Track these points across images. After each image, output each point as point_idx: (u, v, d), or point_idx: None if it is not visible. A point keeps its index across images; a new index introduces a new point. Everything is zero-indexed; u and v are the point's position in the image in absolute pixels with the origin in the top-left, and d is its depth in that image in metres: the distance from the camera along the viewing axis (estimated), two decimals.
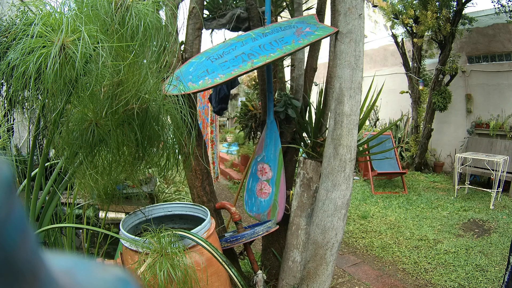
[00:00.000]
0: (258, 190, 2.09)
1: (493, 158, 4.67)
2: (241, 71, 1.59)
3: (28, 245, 0.17)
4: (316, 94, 2.34)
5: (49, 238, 1.33)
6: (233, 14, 2.12)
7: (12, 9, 1.01)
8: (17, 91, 0.92)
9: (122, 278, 0.28)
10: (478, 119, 6.32)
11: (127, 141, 1.14)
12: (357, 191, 4.88)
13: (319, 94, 2.20)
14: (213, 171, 4.31)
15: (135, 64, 1.02)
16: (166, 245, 0.95)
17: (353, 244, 3.27)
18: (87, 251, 1.56)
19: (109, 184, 1.25)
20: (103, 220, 1.61)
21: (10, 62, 0.84)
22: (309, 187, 1.82)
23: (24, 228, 0.17)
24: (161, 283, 0.88)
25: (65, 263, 0.25)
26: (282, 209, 1.98)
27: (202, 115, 4.15)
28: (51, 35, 0.84)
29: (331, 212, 1.63)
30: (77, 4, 0.93)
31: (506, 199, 4.76)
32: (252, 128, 2.63)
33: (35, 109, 1.03)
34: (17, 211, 0.17)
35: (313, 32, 1.75)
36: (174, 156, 1.29)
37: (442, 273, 2.73)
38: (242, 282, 1.11)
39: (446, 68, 5.84)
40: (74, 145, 1.04)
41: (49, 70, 0.81)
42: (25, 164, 1.19)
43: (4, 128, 1.20)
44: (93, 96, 1.00)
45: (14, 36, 0.88)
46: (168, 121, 1.21)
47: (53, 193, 1.23)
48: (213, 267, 1.12)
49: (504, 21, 5.34)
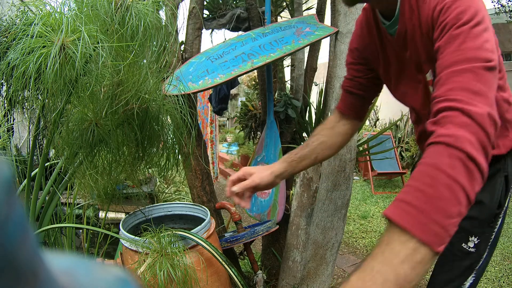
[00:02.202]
0: None
1: None
2: (241, 71, 1.59)
3: (28, 245, 0.17)
4: (316, 94, 2.34)
5: (49, 238, 1.33)
6: (233, 14, 2.12)
7: (12, 9, 1.01)
8: (17, 91, 0.92)
9: (122, 278, 0.28)
10: None
11: (127, 141, 1.14)
12: (357, 191, 4.88)
13: (319, 94, 2.20)
14: (213, 171, 4.31)
15: (135, 64, 1.02)
16: (166, 245, 0.95)
17: (353, 244, 3.27)
18: (87, 251, 1.56)
19: (109, 184, 1.25)
20: (103, 220, 1.61)
21: (10, 62, 0.84)
22: (309, 187, 1.82)
23: (24, 228, 0.17)
24: (161, 283, 0.88)
25: (65, 263, 0.25)
26: (282, 209, 1.98)
27: (202, 115, 4.15)
28: (51, 35, 0.84)
29: (331, 212, 1.63)
30: (77, 4, 0.93)
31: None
32: (252, 128, 2.63)
33: (35, 109, 1.03)
34: (17, 211, 0.17)
35: (313, 32, 1.75)
36: (174, 156, 1.29)
37: None
38: (242, 282, 1.11)
39: None
40: (74, 145, 1.04)
41: (49, 70, 0.81)
42: (25, 164, 1.19)
43: (4, 128, 1.20)
44: (93, 96, 1.00)
45: (14, 36, 0.88)
46: (168, 121, 1.21)
47: (53, 193, 1.23)
48: (213, 267, 1.12)
49: (504, 21, 5.34)
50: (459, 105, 0.60)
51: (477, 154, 0.56)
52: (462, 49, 0.66)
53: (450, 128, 0.59)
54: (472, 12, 0.68)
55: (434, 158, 0.58)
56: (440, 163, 0.56)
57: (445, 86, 0.66)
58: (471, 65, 0.64)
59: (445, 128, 0.60)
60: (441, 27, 0.71)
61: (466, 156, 0.55)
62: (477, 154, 0.56)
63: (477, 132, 0.58)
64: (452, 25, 0.69)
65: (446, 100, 0.63)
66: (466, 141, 0.56)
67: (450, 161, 0.56)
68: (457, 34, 0.68)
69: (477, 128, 0.58)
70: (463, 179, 0.54)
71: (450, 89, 0.64)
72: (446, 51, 0.69)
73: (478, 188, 0.56)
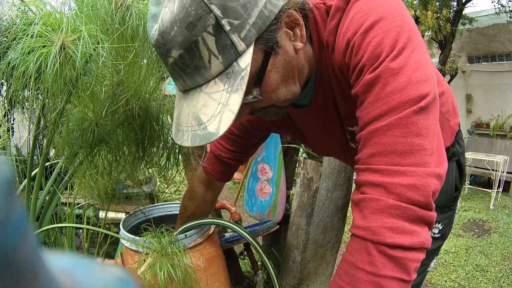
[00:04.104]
0: (258, 190, 2.09)
1: (493, 158, 4.67)
2: None
3: (28, 245, 0.17)
4: None
5: (49, 238, 1.33)
6: None
7: (12, 9, 1.01)
8: (17, 90, 0.92)
9: (122, 278, 0.28)
10: (478, 119, 6.33)
11: (128, 140, 1.14)
12: None
13: None
14: None
15: (135, 64, 1.02)
16: (166, 245, 0.95)
17: None
18: (87, 251, 1.56)
19: (109, 184, 1.25)
20: (103, 220, 1.61)
21: (10, 61, 0.84)
22: (309, 187, 1.82)
23: (24, 228, 0.17)
24: (161, 283, 0.88)
25: (65, 263, 0.25)
26: (282, 209, 1.98)
27: None
28: (51, 34, 0.84)
29: (332, 212, 1.63)
30: (77, 3, 0.93)
31: (506, 199, 4.76)
32: None
33: (35, 109, 1.03)
34: (17, 211, 0.17)
35: None
36: (174, 156, 1.29)
37: (442, 273, 2.74)
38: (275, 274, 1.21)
39: (446, 68, 5.84)
40: (74, 145, 1.04)
41: (49, 69, 0.81)
42: (25, 164, 1.19)
43: (4, 128, 1.20)
44: (93, 96, 1.00)
45: (14, 36, 0.88)
46: (169, 120, 1.21)
47: (53, 193, 1.23)
48: (213, 267, 1.12)
49: (504, 21, 5.35)
50: (380, 180, 0.53)
51: (404, 237, 0.51)
52: (384, 96, 0.54)
53: (368, 216, 0.54)
54: (393, 38, 0.55)
55: (353, 255, 0.55)
56: (360, 261, 0.53)
57: (367, 148, 0.57)
58: (397, 116, 0.53)
59: (361, 216, 0.55)
60: (357, 70, 0.58)
61: (388, 247, 0.51)
62: (403, 238, 0.51)
63: (403, 211, 0.51)
64: (368, 67, 0.56)
65: (367, 171, 0.56)
66: (385, 231, 0.51)
67: (369, 258, 0.52)
68: (374, 78, 0.55)
69: (402, 207, 0.51)
70: (388, 271, 0.51)
71: (373, 155, 0.55)
72: (365, 101, 0.57)
73: (418, 264, 0.53)
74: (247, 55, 0.55)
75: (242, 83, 0.54)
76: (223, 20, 0.52)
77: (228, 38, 0.53)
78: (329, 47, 0.65)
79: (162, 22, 0.54)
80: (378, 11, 0.56)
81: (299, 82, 0.66)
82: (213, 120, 0.54)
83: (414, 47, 0.56)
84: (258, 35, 0.56)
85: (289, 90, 0.64)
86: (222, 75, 0.55)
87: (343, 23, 0.61)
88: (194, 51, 0.54)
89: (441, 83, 0.86)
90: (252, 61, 0.56)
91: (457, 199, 1.00)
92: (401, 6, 0.60)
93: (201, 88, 0.57)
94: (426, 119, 0.53)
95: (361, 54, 0.57)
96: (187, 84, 0.58)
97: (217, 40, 0.53)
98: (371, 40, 0.55)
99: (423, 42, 0.61)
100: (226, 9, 0.52)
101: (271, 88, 0.61)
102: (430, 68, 0.57)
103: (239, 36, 0.54)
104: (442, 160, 0.56)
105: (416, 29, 0.60)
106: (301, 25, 0.61)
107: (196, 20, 0.52)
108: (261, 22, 0.55)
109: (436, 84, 0.57)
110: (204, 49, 0.53)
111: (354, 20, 0.58)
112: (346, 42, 0.59)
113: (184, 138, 0.58)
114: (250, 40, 0.55)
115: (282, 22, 0.59)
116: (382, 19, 0.55)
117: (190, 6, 0.51)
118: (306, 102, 0.76)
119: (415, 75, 0.54)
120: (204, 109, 0.56)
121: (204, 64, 0.54)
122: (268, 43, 0.57)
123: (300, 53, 0.63)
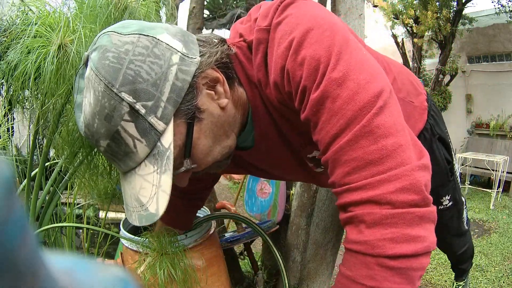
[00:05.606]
0: (259, 190, 2.09)
1: (493, 158, 4.67)
2: None
3: (28, 245, 0.17)
4: None
5: (49, 238, 1.33)
6: (233, 14, 2.12)
7: (12, 9, 1.01)
8: (17, 90, 0.92)
9: (122, 277, 0.28)
10: (478, 119, 6.32)
11: None
12: None
13: None
14: None
15: None
16: (166, 245, 0.95)
17: None
18: (87, 251, 1.56)
19: (109, 184, 1.25)
20: (103, 220, 1.61)
21: (10, 61, 0.84)
22: (309, 187, 1.82)
23: (24, 228, 0.17)
24: (161, 283, 0.88)
25: (65, 263, 0.25)
26: (282, 209, 1.99)
27: None
28: (50, 34, 0.85)
29: (332, 212, 1.63)
30: (77, 3, 0.93)
31: (506, 199, 4.76)
32: None
33: (35, 108, 1.03)
34: (17, 211, 0.17)
35: None
36: None
37: (442, 273, 2.74)
38: (284, 267, 1.26)
39: (446, 68, 5.85)
40: (74, 145, 1.04)
41: (47, 68, 0.81)
42: (25, 164, 1.19)
43: (4, 128, 1.20)
44: None
45: (14, 36, 0.88)
46: None
47: (53, 193, 1.23)
48: (213, 267, 1.12)
49: (504, 21, 5.35)
50: (365, 196, 0.49)
51: (407, 246, 0.48)
52: (337, 110, 0.50)
53: (364, 231, 0.50)
54: (326, 46, 0.51)
55: (351, 269, 0.53)
56: (359, 276, 0.51)
57: (339, 169, 0.52)
58: (359, 125, 0.49)
59: (358, 231, 0.51)
60: (299, 93, 0.54)
61: (389, 258, 0.48)
62: (405, 247, 0.48)
63: (401, 218, 0.48)
64: (311, 85, 0.52)
65: (347, 192, 0.52)
66: (385, 243, 0.48)
67: (368, 272, 0.50)
68: (321, 95, 0.51)
69: (399, 214, 0.48)
70: (390, 283, 0.49)
71: (348, 174, 0.51)
72: (319, 122, 0.53)
73: (422, 271, 0.51)
74: (167, 134, 0.53)
75: (169, 163, 0.53)
76: (137, 105, 0.51)
77: (146, 121, 0.52)
78: (262, 83, 0.61)
79: (85, 115, 0.54)
80: (302, 24, 0.52)
81: (233, 132, 0.64)
82: (151, 202, 0.54)
83: (351, 46, 0.52)
84: (176, 109, 0.54)
85: (224, 146, 0.63)
86: (150, 157, 0.55)
87: (270, 53, 0.57)
88: (118, 140, 0.53)
89: (390, 69, 0.81)
90: (177, 134, 0.55)
91: (453, 168, 1.03)
92: (322, 8, 0.57)
93: (135, 170, 0.56)
94: (390, 115, 0.50)
95: (299, 75, 0.52)
96: (122, 168, 0.58)
97: (136, 125, 0.52)
98: (304, 56, 0.51)
99: (356, 37, 0.58)
100: (136, 92, 0.51)
101: (203, 154, 0.60)
102: (373, 62, 0.54)
103: (156, 116, 0.52)
104: (420, 149, 0.53)
105: (345, 26, 0.56)
106: (222, 81, 0.59)
107: (112, 111, 0.51)
108: (175, 96, 0.53)
109: (385, 76, 0.54)
110: (127, 136, 0.53)
111: (281, 44, 0.54)
112: (281, 70, 0.55)
113: (133, 218, 0.58)
114: (168, 117, 0.53)
115: (199, 87, 0.56)
116: (309, 31, 0.52)
117: (103, 98, 0.51)
118: (249, 144, 0.71)
119: (362, 76, 0.50)
120: (142, 191, 0.56)
121: (131, 149, 0.54)
122: (188, 114, 0.55)
123: (227, 108, 0.61)
